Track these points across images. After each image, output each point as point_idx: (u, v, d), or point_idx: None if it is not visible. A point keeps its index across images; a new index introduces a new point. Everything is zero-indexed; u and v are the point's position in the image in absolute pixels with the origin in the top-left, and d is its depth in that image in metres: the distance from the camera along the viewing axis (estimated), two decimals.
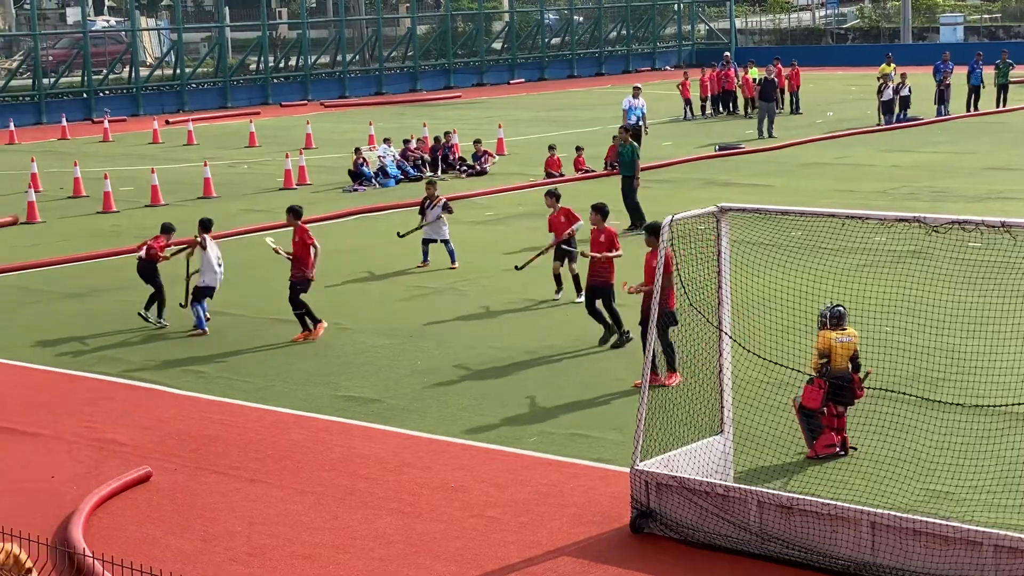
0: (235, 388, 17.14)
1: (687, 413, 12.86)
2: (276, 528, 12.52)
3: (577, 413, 15.58)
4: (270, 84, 63.50)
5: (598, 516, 12.49)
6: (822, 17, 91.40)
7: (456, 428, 15.24)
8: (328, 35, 70.00)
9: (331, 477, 13.83)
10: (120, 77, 62.18)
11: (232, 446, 14.90)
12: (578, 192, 32.58)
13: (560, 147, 36.38)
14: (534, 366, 17.60)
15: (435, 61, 70.31)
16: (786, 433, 13.49)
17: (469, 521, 12.54)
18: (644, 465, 12.10)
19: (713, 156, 38.69)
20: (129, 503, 13.26)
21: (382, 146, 36.69)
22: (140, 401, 16.78)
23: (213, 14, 68.86)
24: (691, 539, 11.79)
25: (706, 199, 29.18)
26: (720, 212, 12.56)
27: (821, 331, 13.77)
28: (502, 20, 77.89)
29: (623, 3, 78.02)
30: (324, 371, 17.77)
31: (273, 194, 34.14)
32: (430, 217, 24.26)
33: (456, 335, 19.28)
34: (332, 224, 29.23)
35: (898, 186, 31.76)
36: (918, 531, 10.68)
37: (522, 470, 13.83)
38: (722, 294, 12.73)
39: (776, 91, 44.61)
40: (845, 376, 13.67)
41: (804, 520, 11.20)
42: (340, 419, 15.76)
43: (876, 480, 12.77)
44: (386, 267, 24.33)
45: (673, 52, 79.89)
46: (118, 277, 24.12)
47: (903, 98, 45.34)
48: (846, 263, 17.99)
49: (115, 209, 32.03)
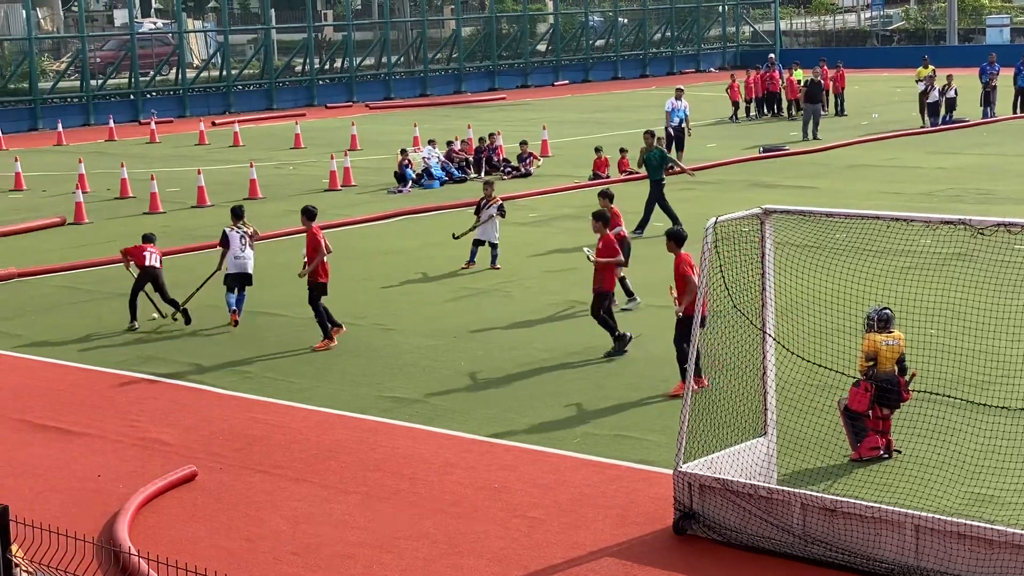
0: (280, 388, 17.24)
1: (730, 415, 12.84)
2: (320, 527, 12.59)
3: (620, 414, 15.59)
4: (315, 86, 63.75)
5: (641, 517, 12.49)
6: (867, 19, 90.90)
7: (500, 429, 15.28)
8: (373, 37, 70.22)
9: (375, 477, 13.89)
10: (167, 79, 62.61)
11: (277, 446, 14.99)
12: (622, 193, 32.54)
13: (605, 149, 36.37)
14: (577, 367, 17.62)
15: (480, 63, 70.40)
16: (830, 435, 13.46)
17: (512, 522, 12.57)
18: (687, 467, 12.10)
19: (757, 158, 38.58)
20: (174, 502, 13.36)
21: (427, 147, 36.79)
22: (186, 401, 16.90)
23: (259, 16, 69.23)
24: (734, 541, 11.77)
25: (750, 201, 29.13)
26: (764, 214, 12.54)
27: (868, 334, 13.72)
28: (546, 22, 77.89)
29: (667, 5, 77.89)
30: (368, 371, 17.84)
31: (318, 195, 34.26)
32: (483, 217, 24.29)
33: (500, 336, 19.31)
34: (377, 225, 29.34)
35: (943, 188, 31.58)
36: (963, 535, 10.63)
37: (565, 471, 13.85)
38: (766, 296, 12.71)
39: (822, 93, 44.43)
40: (891, 379, 13.62)
41: (848, 523, 11.17)
42: (384, 419, 15.82)
43: (921, 483, 12.70)
44: (430, 268, 24.39)
45: (717, 54, 79.70)
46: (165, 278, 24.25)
47: (949, 100, 45.09)
48: (890, 265, 17.90)
49: (162, 210, 32.25)
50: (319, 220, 19.98)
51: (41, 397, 17.24)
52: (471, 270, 23.96)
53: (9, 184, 37.13)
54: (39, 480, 14.15)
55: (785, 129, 45.46)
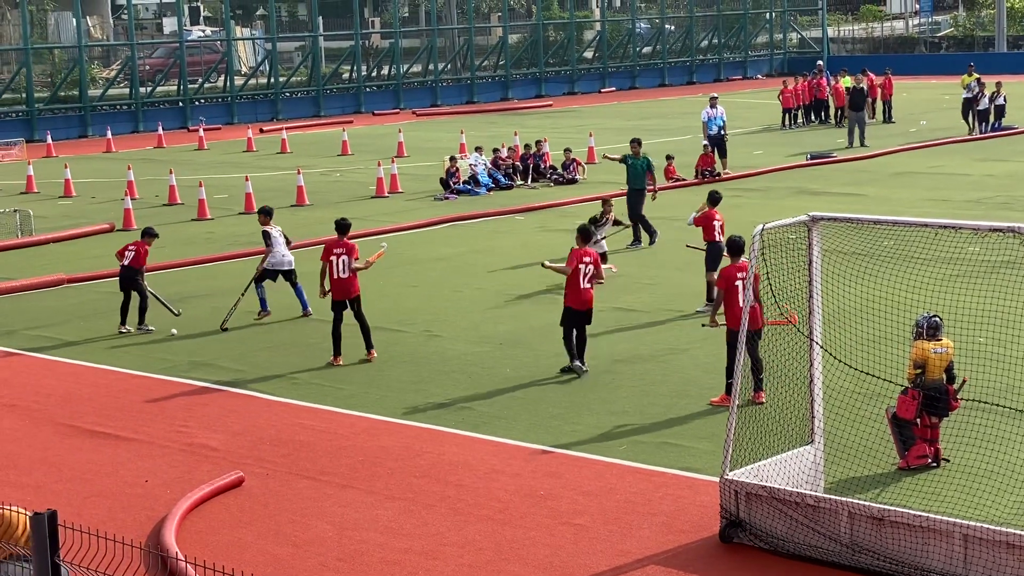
0: (327, 395, 17.30)
1: (777, 423, 12.79)
2: (366, 534, 12.62)
3: (667, 422, 15.55)
4: (363, 93, 63.98)
5: (687, 525, 12.46)
6: (915, 26, 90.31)
7: (546, 436, 15.27)
8: (420, 44, 70.42)
9: (421, 484, 13.92)
10: (215, 86, 62.99)
11: (323, 452, 15.04)
12: (670, 200, 32.53)
13: (652, 156, 36.26)
14: (624, 375, 17.59)
15: (527, 70, 70.47)
16: (877, 444, 13.38)
17: (558, 529, 12.56)
18: (734, 475, 12.06)
19: (804, 165, 38.42)
20: (221, 508, 13.43)
21: (473, 154, 36.85)
22: (233, 407, 16.99)
23: (307, 24, 69.61)
24: (781, 549, 11.73)
25: (797, 208, 29.02)
26: (811, 221, 12.50)
27: (916, 341, 13.63)
28: (593, 29, 77.88)
29: (715, 12, 77.73)
30: (415, 378, 17.87)
31: (365, 202, 34.40)
32: (601, 234, 23.91)
33: (546, 343, 19.30)
34: (423, 232, 29.41)
35: (992, 195, 31.35)
36: (1012, 544, 10.55)
37: (611, 478, 13.84)
38: (813, 304, 12.66)
39: (865, 100, 44.11)
40: (939, 387, 13.52)
41: (895, 532, 11.11)
42: (431, 426, 15.85)
43: (969, 492, 12.62)
44: (477, 275, 24.43)
45: (765, 61, 79.45)
46: (212, 284, 24.45)
47: (998, 107, 44.77)
48: (938, 273, 17.76)
49: (209, 217, 32.44)
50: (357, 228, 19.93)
51: (89, 402, 17.38)
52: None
53: (59, 191, 37.43)
54: (87, 485, 14.26)
55: (832, 136, 45.24)
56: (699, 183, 35.07)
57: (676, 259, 25.07)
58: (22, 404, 17.42)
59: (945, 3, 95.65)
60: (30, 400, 17.58)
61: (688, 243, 22.31)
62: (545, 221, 30.29)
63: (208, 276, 25.28)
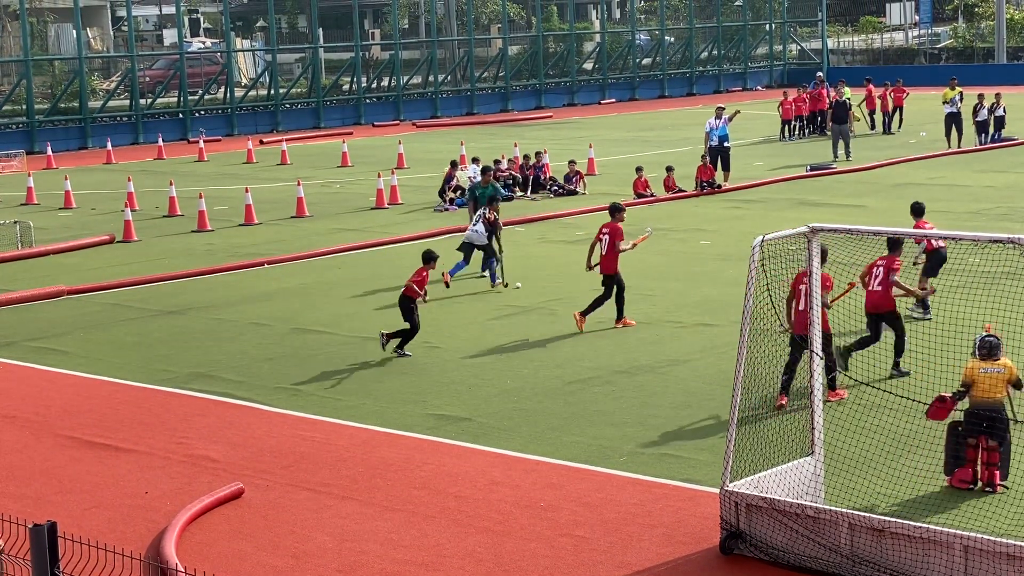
0: (327, 406, 17.29)
1: (777, 434, 12.79)
2: (366, 545, 12.61)
3: (667, 433, 15.55)
4: (363, 104, 64.07)
5: (688, 536, 12.46)
6: (915, 37, 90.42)
7: (546, 447, 15.27)
8: (420, 56, 70.51)
9: (421, 495, 13.91)
10: (215, 98, 63.09)
11: (323, 464, 15.03)
12: (670, 212, 32.56)
13: (650, 167, 36.36)
14: (623, 386, 17.58)
15: (526, 81, 70.56)
16: (877, 455, 13.37)
17: (558, 540, 12.55)
18: (734, 486, 12.05)
19: (804, 176, 38.45)
20: (221, 519, 13.42)
21: (472, 166, 36.84)
22: (233, 418, 16.98)
23: (307, 35, 69.68)
24: (781, 561, 11.72)
25: (797, 219, 29.06)
26: (811, 232, 12.50)
27: (970, 359, 13.31)
28: (593, 40, 77.99)
29: (714, 23, 77.85)
30: (414, 390, 17.87)
31: (365, 213, 34.43)
32: None
33: (546, 354, 19.31)
34: (423, 243, 29.40)
35: (992, 207, 31.37)
36: (1012, 555, 10.54)
37: (612, 490, 13.83)
38: (812, 315, 12.66)
39: (848, 113, 43.93)
40: (994, 408, 13.05)
41: (896, 543, 11.10)
42: (430, 437, 15.84)
43: (970, 503, 12.62)
44: (477, 286, 24.43)
45: (764, 72, 79.55)
46: (212, 296, 24.45)
47: (998, 118, 44.79)
48: (939, 284, 17.80)
49: (209, 228, 32.45)
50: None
51: (89, 414, 17.37)
52: (515, 287, 23.92)
53: (59, 202, 37.47)
54: (87, 496, 14.25)
55: (832, 148, 45.23)
56: (698, 194, 35.11)
57: (676, 270, 25.09)
58: (22, 415, 17.41)
59: (945, 14, 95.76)
60: (30, 412, 17.57)
61: None
62: (545, 233, 30.30)
63: (208, 288, 25.27)
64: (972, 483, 13.14)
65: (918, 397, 13.43)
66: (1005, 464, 13.12)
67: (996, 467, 13.11)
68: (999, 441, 13.06)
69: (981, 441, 13.08)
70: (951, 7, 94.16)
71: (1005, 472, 13.13)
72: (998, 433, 13.04)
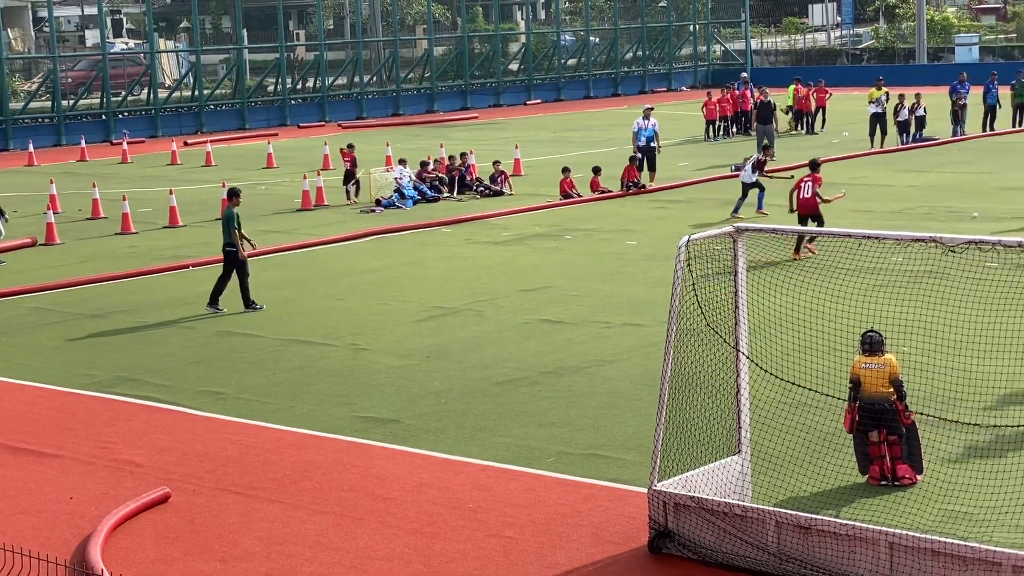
0: (253, 409, 17.18)
1: (705, 433, 12.86)
2: (294, 548, 12.55)
3: (594, 433, 15.59)
4: (288, 105, 63.75)
5: (616, 536, 12.50)
6: (837, 38, 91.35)
7: (474, 448, 15.26)
8: (345, 56, 70.24)
9: (349, 497, 13.86)
10: (139, 99, 62.48)
11: (250, 467, 14.94)
12: (596, 212, 32.66)
13: (576, 168, 36.44)
14: (551, 386, 17.61)
15: (452, 82, 70.51)
16: (804, 453, 13.48)
17: (488, 541, 12.55)
18: (662, 485, 12.11)
19: (729, 176, 38.66)
20: (148, 524, 13.29)
21: (398, 167, 36.76)
22: (158, 423, 16.83)
23: (231, 36, 69.15)
24: (709, 559, 11.79)
25: (722, 219, 29.26)
26: (736, 232, 12.58)
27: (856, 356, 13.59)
28: (518, 41, 78.06)
29: (639, 24, 78.18)
30: (342, 392, 17.81)
31: (291, 215, 34.26)
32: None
33: (473, 355, 19.31)
34: (350, 245, 29.31)
35: (914, 206, 31.75)
36: (937, 552, 10.66)
37: (540, 490, 13.85)
38: (739, 314, 12.74)
39: (773, 113, 44.31)
40: (882, 402, 13.28)
41: (822, 540, 11.19)
42: (358, 439, 15.79)
43: (895, 500, 12.76)
44: (404, 288, 24.37)
45: (689, 72, 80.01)
46: (137, 299, 24.23)
47: (919, 118, 45.32)
48: (863, 283, 17.97)
49: (133, 230, 32.15)
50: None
51: (13, 419, 17.14)
52: (442, 290, 23.92)
53: None
54: (11, 503, 14.07)
55: (756, 148, 45.56)
56: (624, 195, 35.25)
57: (602, 271, 25.18)
58: None
59: (866, 15, 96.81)
60: None
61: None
62: (472, 234, 30.30)
63: (132, 291, 25.04)
64: (882, 479, 13.37)
65: (843, 396, 13.56)
66: (916, 458, 13.34)
67: (900, 460, 13.37)
68: (898, 434, 13.31)
69: (881, 435, 13.33)
70: (872, 8, 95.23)
71: (919, 466, 13.35)
72: (892, 426, 13.30)
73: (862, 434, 13.43)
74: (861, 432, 13.43)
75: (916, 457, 13.39)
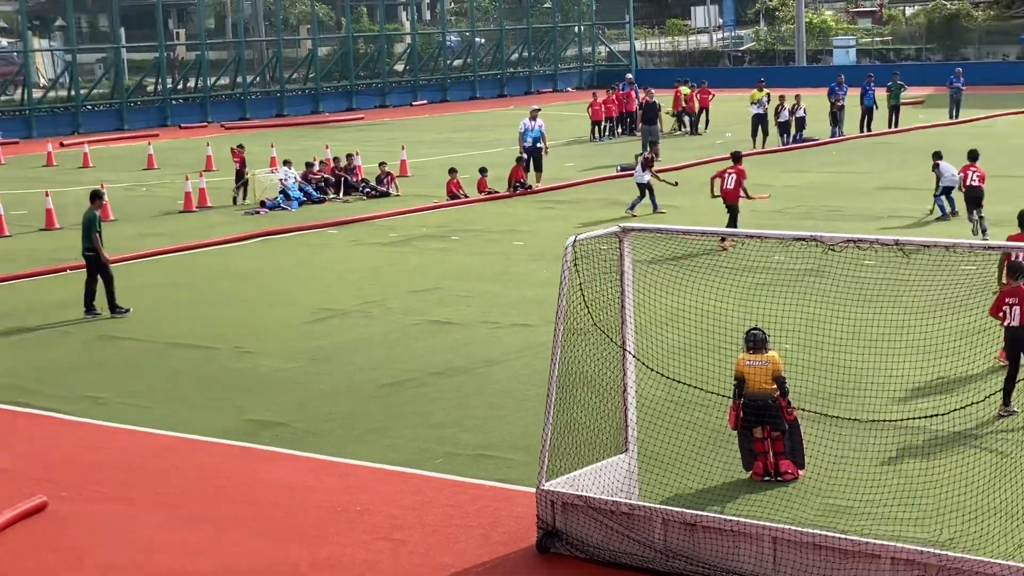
0: (137, 415, 16.90)
1: (592, 432, 12.90)
2: (175, 556, 12.36)
3: (482, 434, 15.58)
4: (169, 106, 62.96)
5: (504, 536, 12.49)
6: (719, 40, 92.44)
7: (362, 451, 15.17)
8: (227, 56, 69.54)
9: (234, 503, 13.69)
10: (12, 99, 61.31)
11: (132, 474, 14.70)
12: (483, 213, 32.67)
13: (463, 168, 36.43)
14: (439, 387, 17.57)
15: (337, 83, 70.14)
16: (690, 452, 13.58)
17: (376, 544, 12.49)
18: (550, 485, 12.13)
19: (615, 177, 38.90)
20: (24, 534, 13.02)
21: (283, 168, 36.47)
22: (36, 430, 16.50)
23: (108, 35, 68.12)
24: (597, 558, 11.83)
25: (609, 219, 29.42)
26: (623, 232, 12.64)
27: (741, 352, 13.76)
28: (404, 42, 77.89)
29: (524, 25, 78.40)
30: (228, 395, 17.60)
31: (173, 217, 33.83)
32: None
33: (361, 357, 19.20)
34: (234, 247, 29.00)
35: (794, 206, 32.17)
36: (818, 545, 10.81)
37: (428, 492, 13.81)
38: (625, 313, 12.80)
39: (658, 114, 44.67)
40: (765, 399, 13.47)
41: (707, 537, 11.29)
42: (244, 444, 15.61)
43: (777, 496, 12.91)
44: (289, 290, 24.17)
45: (575, 73, 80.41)
46: (14, 303, 23.76)
47: (798, 119, 45.93)
48: (746, 281, 18.17)
49: (7, 233, 31.55)
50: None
51: None
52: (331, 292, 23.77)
53: None
54: None
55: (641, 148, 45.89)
56: (511, 195, 35.30)
57: (490, 271, 25.19)
58: None
59: (747, 18, 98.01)
60: None
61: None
62: (358, 235, 30.14)
63: (8, 295, 24.54)
64: (765, 475, 13.54)
65: (728, 393, 13.70)
66: (799, 453, 13.54)
67: (782, 456, 13.55)
68: (781, 430, 13.49)
69: (765, 432, 13.51)
70: (753, 11, 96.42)
71: (801, 461, 13.55)
72: (775, 422, 13.48)
73: (746, 430, 13.61)
74: (745, 428, 13.61)
75: (798, 453, 13.59)
